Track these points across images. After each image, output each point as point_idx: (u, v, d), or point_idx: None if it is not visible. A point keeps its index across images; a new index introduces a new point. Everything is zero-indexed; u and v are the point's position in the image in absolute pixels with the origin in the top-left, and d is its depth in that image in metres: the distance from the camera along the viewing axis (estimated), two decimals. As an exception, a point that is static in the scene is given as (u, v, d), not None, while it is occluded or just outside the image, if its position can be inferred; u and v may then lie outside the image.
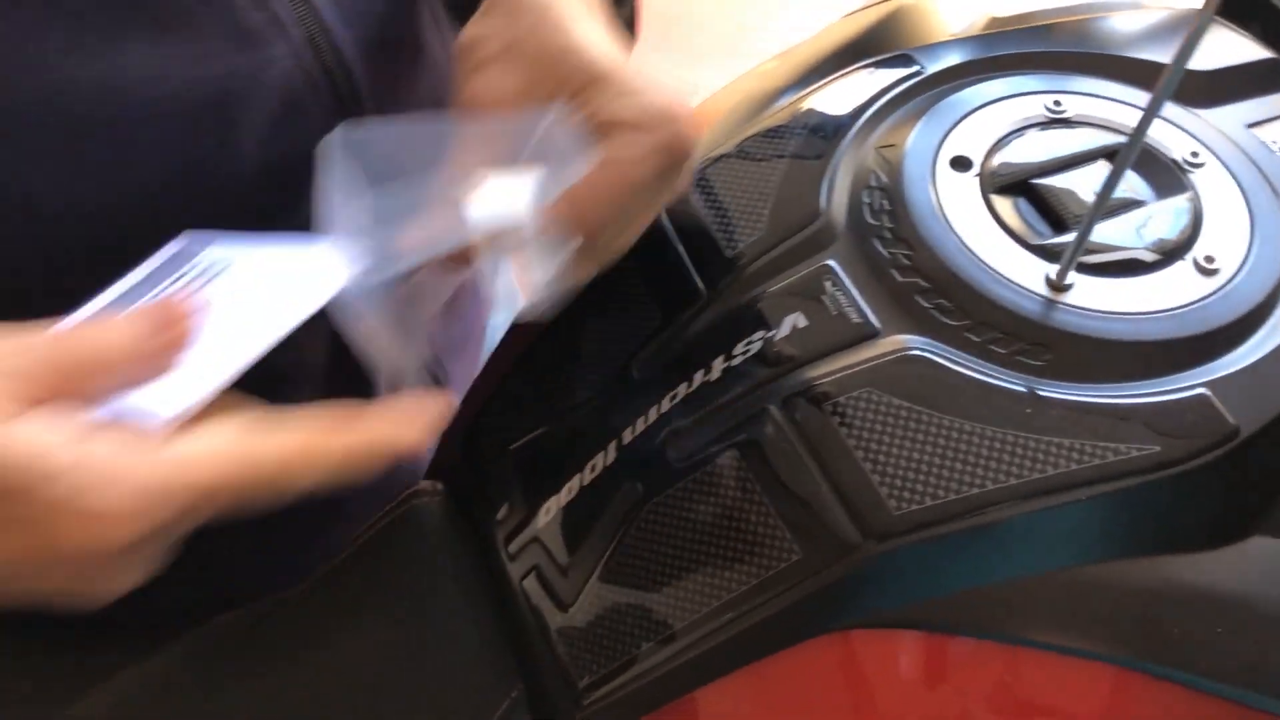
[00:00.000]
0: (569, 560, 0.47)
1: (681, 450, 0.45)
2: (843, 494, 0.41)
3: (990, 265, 0.44)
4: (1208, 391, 0.41)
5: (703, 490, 0.44)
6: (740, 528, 0.43)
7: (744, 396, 0.44)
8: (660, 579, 0.44)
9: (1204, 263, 0.44)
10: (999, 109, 0.50)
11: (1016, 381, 0.41)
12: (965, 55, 0.54)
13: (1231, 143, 0.49)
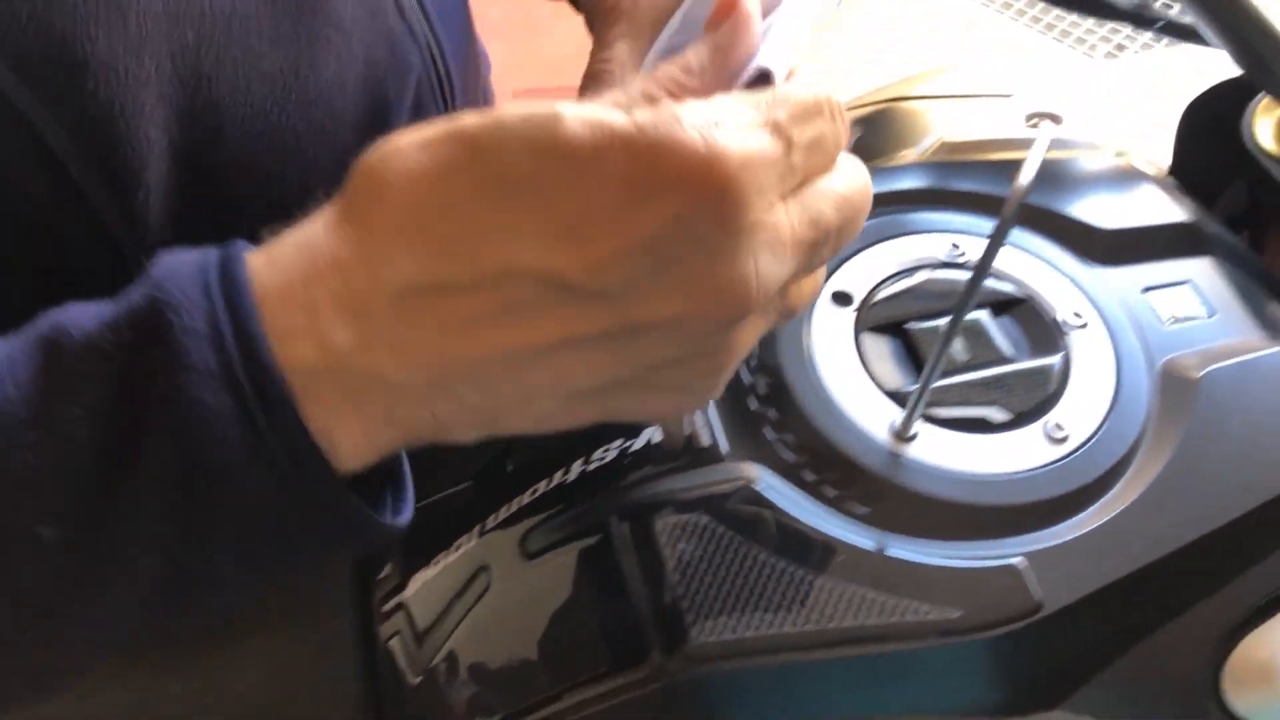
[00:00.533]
0: (426, 631, 0.50)
1: (530, 545, 0.47)
2: (657, 614, 0.43)
3: (841, 407, 0.45)
4: (1021, 563, 0.41)
5: (541, 587, 0.46)
6: (565, 629, 0.45)
7: (590, 503, 0.46)
8: (494, 663, 0.47)
9: (1053, 431, 0.44)
10: (897, 245, 0.51)
11: (838, 528, 0.43)
12: (886, 185, 0.55)
13: (1121, 306, 0.49)
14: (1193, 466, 0.44)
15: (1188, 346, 0.48)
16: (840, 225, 0.33)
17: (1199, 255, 0.51)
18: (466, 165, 0.30)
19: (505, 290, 0.30)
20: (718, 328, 0.31)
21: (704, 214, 0.29)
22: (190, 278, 0.31)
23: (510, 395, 0.32)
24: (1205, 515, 0.43)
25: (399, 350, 0.31)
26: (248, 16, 0.42)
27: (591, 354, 0.31)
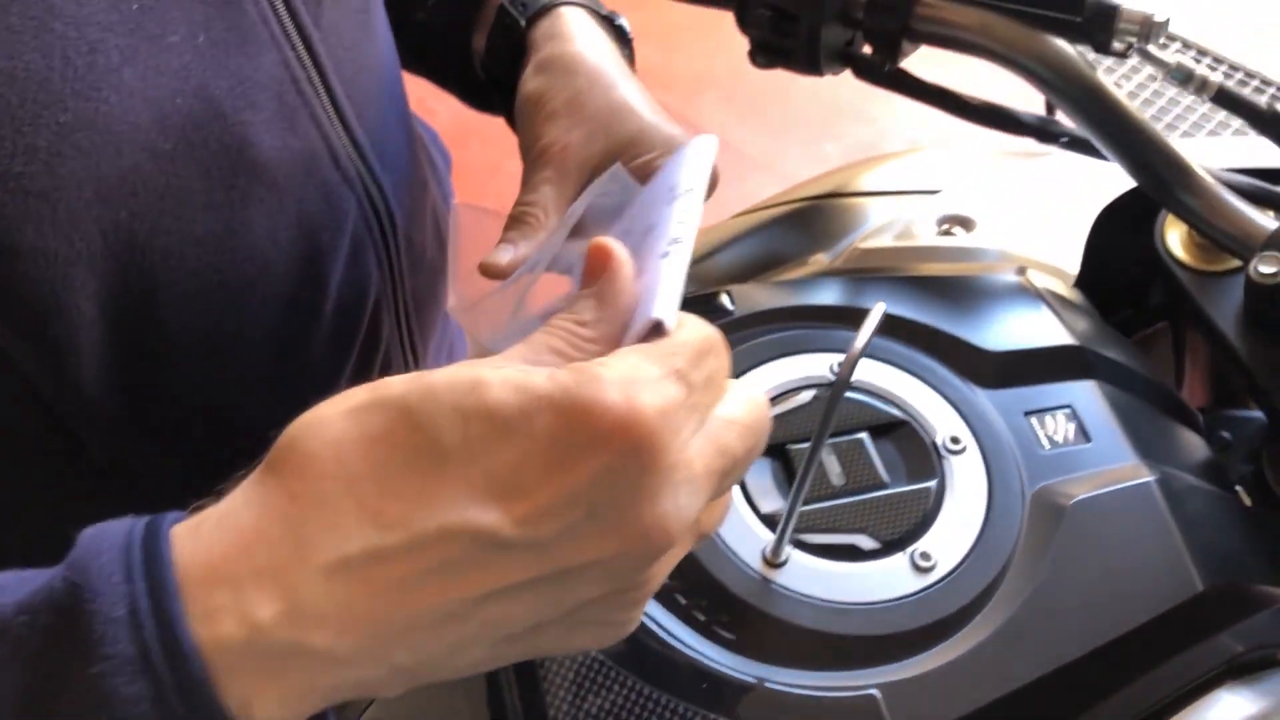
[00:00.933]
0: None
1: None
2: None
3: (717, 531, 0.47)
4: (877, 694, 0.43)
5: (428, 697, 0.48)
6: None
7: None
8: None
9: (919, 560, 0.46)
10: (788, 364, 0.52)
11: (702, 654, 0.44)
12: (786, 300, 0.56)
13: (1002, 431, 0.50)
14: (1053, 599, 0.45)
15: (1064, 473, 0.49)
16: (745, 450, 0.35)
17: (1083, 378, 0.52)
18: (394, 433, 0.31)
19: (439, 550, 0.31)
20: (643, 563, 0.33)
21: (629, 464, 0.31)
22: (113, 556, 0.31)
23: (440, 649, 0.33)
24: (1061, 649, 0.44)
25: (327, 621, 0.31)
26: (181, 188, 0.44)
27: (521, 600, 0.33)
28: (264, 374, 0.41)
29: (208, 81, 0.43)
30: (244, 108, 0.45)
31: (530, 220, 0.50)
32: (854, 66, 0.60)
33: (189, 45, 0.42)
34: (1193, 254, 0.63)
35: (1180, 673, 0.45)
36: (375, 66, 0.55)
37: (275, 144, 0.47)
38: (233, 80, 0.44)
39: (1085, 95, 0.55)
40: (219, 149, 0.44)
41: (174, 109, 0.42)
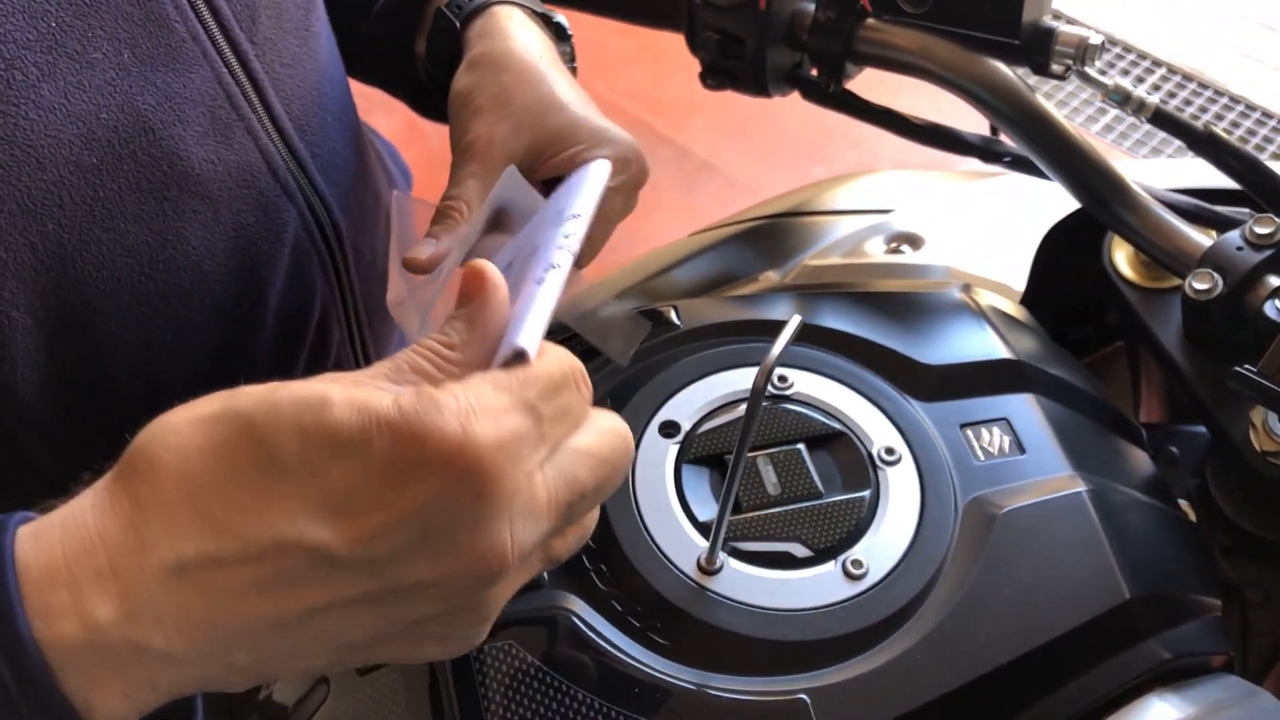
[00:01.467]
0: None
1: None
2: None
3: (654, 538, 0.48)
4: (806, 699, 0.43)
5: (370, 703, 0.48)
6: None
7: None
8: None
9: (851, 567, 0.47)
10: (730, 376, 0.53)
11: (636, 658, 0.45)
12: (732, 314, 0.57)
13: (937, 442, 0.51)
14: (982, 606, 0.46)
15: (998, 484, 0.50)
16: (596, 483, 0.36)
17: (1020, 392, 0.53)
18: (237, 444, 0.32)
19: (273, 562, 0.32)
20: (477, 586, 0.34)
21: (460, 491, 0.32)
22: None
23: (279, 653, 0.34)
24: (988, 655, 0.44)
25: (165, 622, 0.32)
26: (109, 201, 0.45)
27: (356, 614, 0.34)
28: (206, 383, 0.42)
29: (134, 97, 0.44)
30: (173, 122, 0.46)
31: (454, 214, 0.51)
32: (801, 88, 0.62)
33: (113, 62, 0.43)
34: (1138, 272, 0.64)
35: (1107, 678, 0.46)
36: (318, 82, 0.56)
37: (208, 157, 0.48)
38: (160, 96, 0.45)
39: (1024, 116, 0.57)
40: (149, 162, 0.45)
41: (99, 124, 0.43)
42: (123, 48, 0.44)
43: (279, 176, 0.52)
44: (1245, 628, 0.58)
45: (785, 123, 2.58)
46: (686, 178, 2.46)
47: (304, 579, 0.32)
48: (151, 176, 0.46)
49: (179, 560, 0.32)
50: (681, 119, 2.59)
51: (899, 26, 0.57)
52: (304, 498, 0.32)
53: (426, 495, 0.32)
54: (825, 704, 0.43)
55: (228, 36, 0.48)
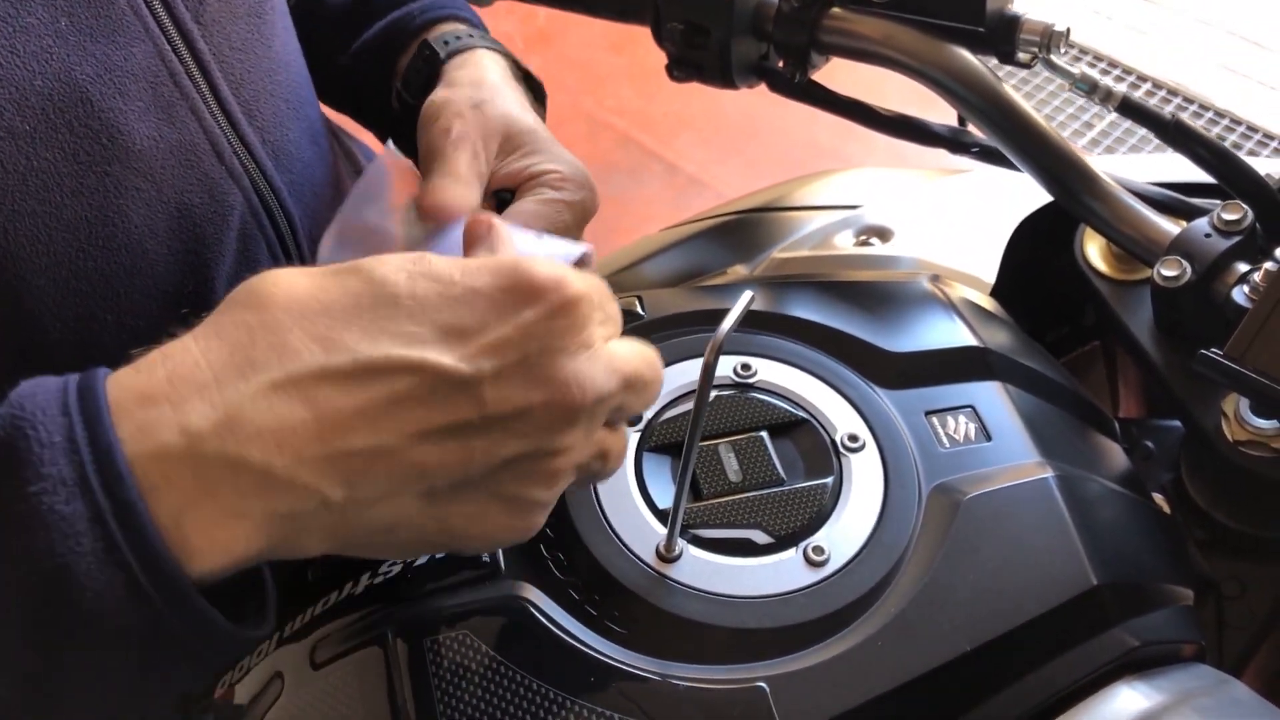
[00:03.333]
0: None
1: (318, 655, 0.48)
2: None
3: (613, 526, 0.47)
4: (764, 686, 0.42)
5: (325, 697, 0.47)
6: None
7: (372, 616, 0.48)
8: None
9: (812, 554, 0.46)
10: (690, 365, 0.52)
11: (594, 647, 0.44)
12: (697, 304, 0.57)
13: (901, 429, 0.50)
14: (945, 593, 0.45)
15: (961, 471, 0.49)
16: (645, 376, 0.40)
17: (986, 379, 0.53)
18: (348, 282, 0.35)
19: (380, 381, 0.34)
20: (556, 423, 0.37)
21: (557, 320, 0.36)
22: (49, 396, 0.33)
23: (368, 493, 0.35)
24: (952, 642, 0.44)
25: (264, 435, 0.33)
26: (44, 172, 0.44)
27: (451, 447, 0.35)
28: None
29: (72, 66, 0.44)
30: (113, 95, 0.45)
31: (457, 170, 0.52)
32: (767, 79, 0.61)
33: (49, 29, 0.43)
34: (1111, 265, 0.64)
35: (1074, 666, 0.45)
36: (271, 69, 0.56)
37: (150, 134, 0.47)
38: (100, 67, 0.45)
39: (991, 105, 0.56)
40: (86, 134, 0.45)
41: (33, 91, 0.43)
42: (59, 15, 0.43)
43: (224, 159, 0.52)
44: (1220, 622, 0.58)
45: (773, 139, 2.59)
46: (675, 194, 2.46)
47: (411, 400, 0.34)
48: (89, 149, 0.45)
49: (287, 375, 0.33)
50: (670, 135, 2.59)
51: (864, 15, 0.57)
52: (415, 325, 0.35)
53: (528, 321, 0.35)
54: (784, 692, 0.42)
55: (171, 14, 0.48)
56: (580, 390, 0.36)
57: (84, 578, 0.31)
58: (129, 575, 0.31)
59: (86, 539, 0.31)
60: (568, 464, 0.38)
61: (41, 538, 0.30)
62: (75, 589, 0.31)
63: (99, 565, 0.31)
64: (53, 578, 0.31)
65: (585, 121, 2.56)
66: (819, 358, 0.53)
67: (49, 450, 0.31)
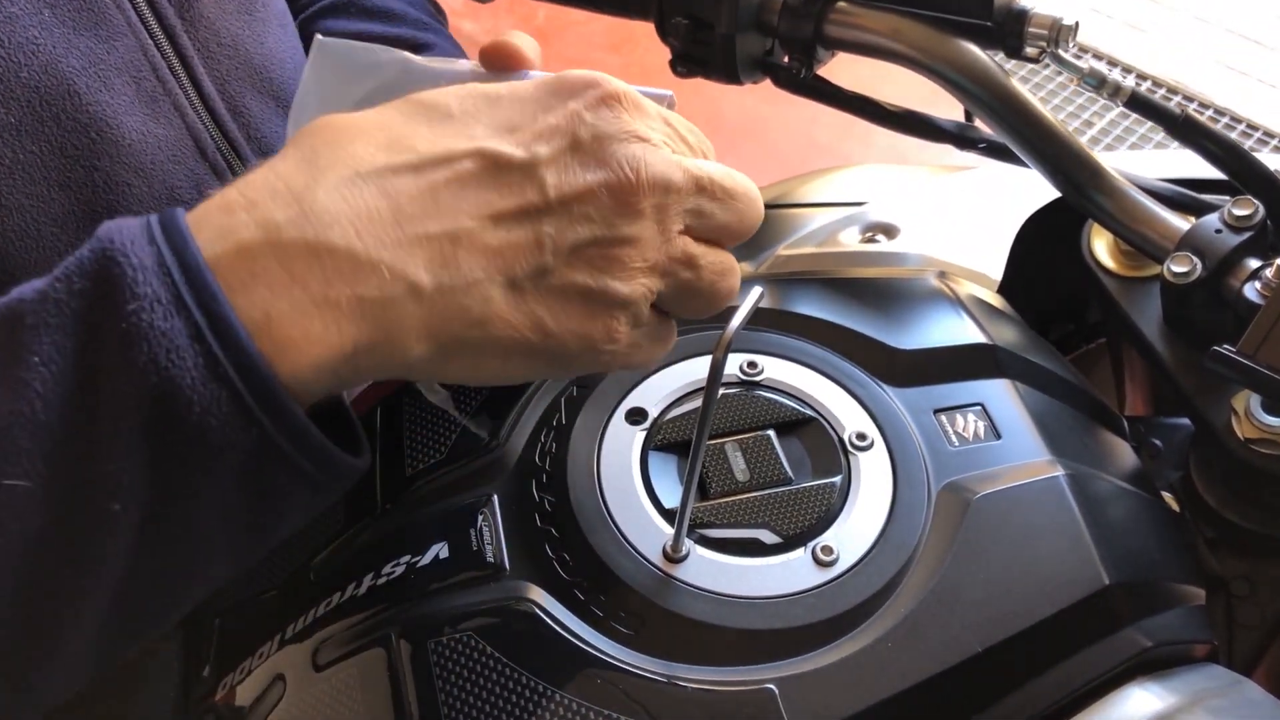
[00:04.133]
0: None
1: (320, 657, 0.48)
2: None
3: (619, 526, 0.46)
4: (774, 688, 0.42)
5: (328, 699, 0.47)
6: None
7: (376, 618, 0.47)
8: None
9: (821, 554, 0.45)
10: (696, 363, 0.52)
11: (599, 649, 0.43)
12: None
13: (910, 428, 0.50)
14: (956, 593, 0.44)
15: (971, 469, 0.48)
16: (724, 185, 0.41)
17: (995, 377, 0.52)
18: (404, 107, 0.38)
19: (445, 168, 0.36)
20: (619, 207, 0.38)
21: (600, 109, 0.38)
22: (134, 229, 0.33)
23: (452, 278, 0.36)
24: (963, 643, 0.43)
25: (343, 221, 0.34)
26: (32, 165, 0.44)
27: (519, 232, 0.37)
28: None
29: (58, 59, 0.43)
30: (99, 88, 0.45)
31: None
32: (772, 75, 0.61)
33: (33, 19, 0.42)
34: (1118, 261, 0.63)
35: (1087, 667, 0.44)
36: (262, 66, 0.55)
37: (138, 128, 0.47)
38: (85, 60, 0.44)
39: (998, 99, 0.56)
40: (74, 127, 0.44)
41: (19, 82, 0.42)
42: (42, 6, 0.43)
43: (207, 156, 0.51)
44: (1230, 621, 0.57)
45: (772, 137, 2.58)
46: (674, 192, 2.46)
47: (475, 183, 0.36)
48: (77, 142, 0.45)
49: (355, 171, 0.35)
50: (669, 134, 2.58)
51: (870, 9, 0.56)
52: (470, 126, 0.38)
53: (574, 109, 0.38)
54: (793, 694, 0.42)
55: (153, 8, 0.48)
56: (635, 172, 0.38)
57: (189, 390, 0.31)
58: (231, 390, 0.32)
59: (189, 354, 0.31)
60: (643, 258, 0.39)
61: (145, 352, 0.31)
62: (183, 402, 0.31)
63: (202, 379, 0.31)
64: (160, 392, 0.31)
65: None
66: (826, 355, 0.52)
67: (141, 273, 0.32)
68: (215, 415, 0.32)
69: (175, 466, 0.32)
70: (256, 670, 0.50)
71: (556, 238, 0.37)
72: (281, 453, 0.34)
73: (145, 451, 0.32)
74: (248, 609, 0.54)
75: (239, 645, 0.52)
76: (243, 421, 0.32)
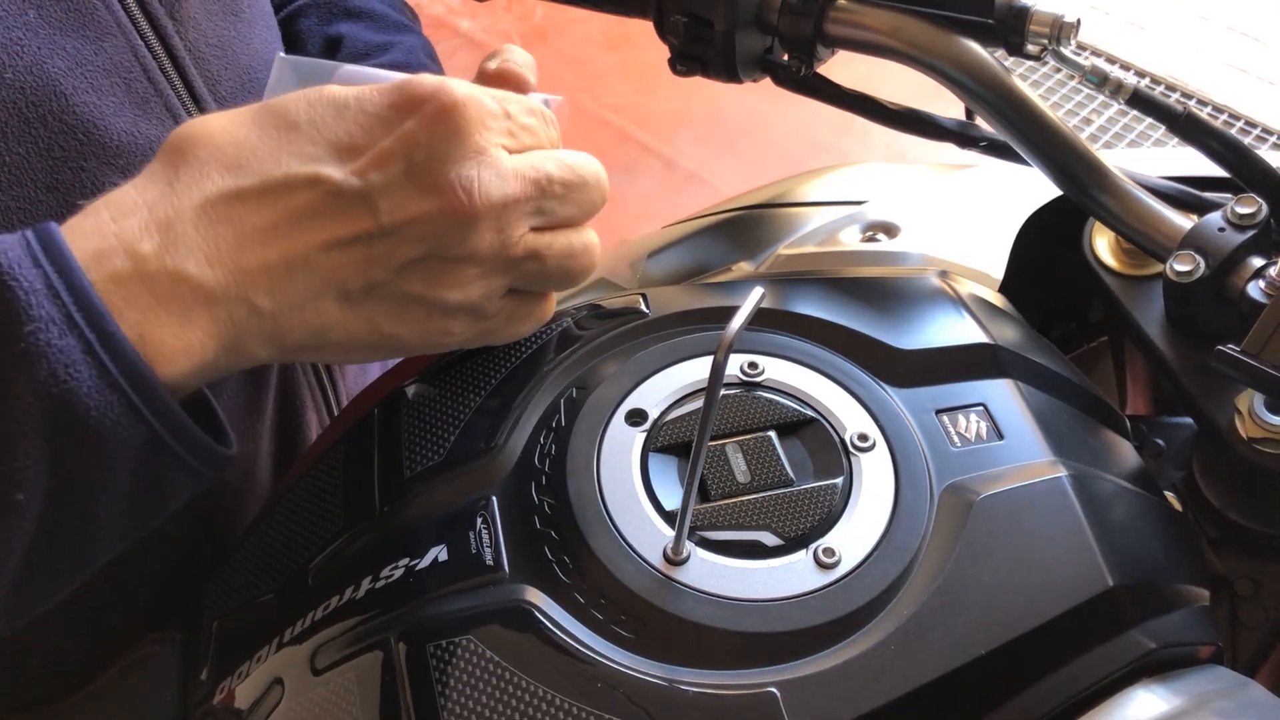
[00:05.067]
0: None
1: (319, 661, 0.48)
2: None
3: (619, 528, 0.46)
4: (776, 692, 0.42)
5: (326, 703, 0.46)
6: (340, 749, 0.45)
7: (374, 620, 0.47)
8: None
9: (823, 556, 0.45)
10: (696, 364, 0.51)
11: (600, 652, 0.43)
12: (702, 302, 0.56)
13: (912, 428, 0.49)
14: (959, 595, 0.44)
15: (974, 470, 0.48)
16: (565, 179, 0.43)
17: (997, 377, 0.52)
18: (258, 115, 0.40)
19: (285, 198, 0.39)
20: (453, 227, 0.40)
21: (436, 128, 0.39)
22: (16, 252, 0.36)
23: (290, 300, 0.40)
24: (966, 645, 0.43)
25: (197, 252, 0.37)
26: (17, 166, 0.43)
27: (351, 254, 0.40)
28: None
29: (44, 59, 0.43)
30: (86, 90, 0.45)
31: None
32: (772, 73, 0.60)
33: (17, 20, 0.42)
34: (1120, 259, 0.63)
35: (1091, 669, 0.44)
36: (250, 66, 0.55)
37: (127, 129, 0.46)
38: (71, 61, 0.44)
39: (1000, 98, 0.55)
40: (60, 129, 0.44)
41: (3, 82, 0.42)
42: (27, 6, 0.43)
43: None
44: (1234, 622, 0.57)
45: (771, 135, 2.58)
46: (673, 190, 2.46)
47: (311, 213, 0.39)
48: (64, 144, 0.44)
49: (205, 198, 0.38)
50: (668, 132, 2.58)
51: (871, 7, 0.56)
52: (312, 144, 0.39)
53: (409, 130, 0.39)
54: (795, 697, 0.41)
55: (144, 8, 0.47)
56: (469, 195, 0.39)
57: (85, 398, 0.35)
58: (122, 396, 0.36)
59: (84, 368, 0.35)
60: (479, 267, 0.42)
61: (44, 368, 0.35)
62: (80, 408, 0.35)
63: (97, 388, 0.35)
64: (60, 400, 0.35)
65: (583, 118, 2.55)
66: (827, 355, 0.52)
67: (34, 295, 0.35)
68: (109, 417, 0.36)
69: (75, 462, 0.37)
70: (254, 673, 0.50)
71: (387, 257, 0.40)
72: (166, 446, 0.38)
73: (47, 450, 0.36)
74: (245, 612, 0.53)
75: (237, 648, 0.52)
76: (133, 420, 0.37)
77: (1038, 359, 0.55)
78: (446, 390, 0.53)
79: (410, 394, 0.54)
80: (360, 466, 0.53)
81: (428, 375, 0.55)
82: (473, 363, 0.54)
